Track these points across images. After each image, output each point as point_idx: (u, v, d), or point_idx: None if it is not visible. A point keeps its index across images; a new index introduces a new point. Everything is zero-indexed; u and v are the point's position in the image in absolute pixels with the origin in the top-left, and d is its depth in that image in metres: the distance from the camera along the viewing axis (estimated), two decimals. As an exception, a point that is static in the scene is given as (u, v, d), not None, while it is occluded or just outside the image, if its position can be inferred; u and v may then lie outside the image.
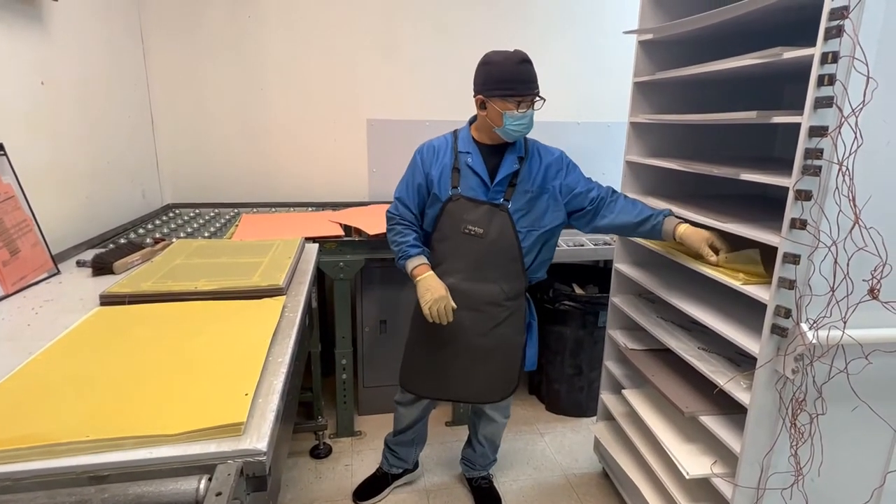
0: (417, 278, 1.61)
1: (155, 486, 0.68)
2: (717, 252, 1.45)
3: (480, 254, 1.64)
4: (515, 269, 1.68)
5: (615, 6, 2.92)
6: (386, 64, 2.76)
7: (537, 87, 1.55)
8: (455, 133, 1.71)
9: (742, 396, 1.32)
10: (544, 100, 1.57)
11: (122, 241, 1.92)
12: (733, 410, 1.42)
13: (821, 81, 1.08)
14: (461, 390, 1.78)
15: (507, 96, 1.51)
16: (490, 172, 1.64)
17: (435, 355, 1.75)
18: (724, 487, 1.40)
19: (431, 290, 1.57)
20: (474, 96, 1.59)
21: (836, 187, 1.10)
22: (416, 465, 2.13)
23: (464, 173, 1.63)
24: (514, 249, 1.65)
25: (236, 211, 2.61)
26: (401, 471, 2.08)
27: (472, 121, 1.70)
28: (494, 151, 1.65)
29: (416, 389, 1.82)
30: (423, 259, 1.64)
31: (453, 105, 2.91)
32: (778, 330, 1.22)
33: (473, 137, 1.67)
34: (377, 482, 2.07)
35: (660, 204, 1.70)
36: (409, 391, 1.84)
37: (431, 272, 1.62)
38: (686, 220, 1.54)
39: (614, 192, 1.71)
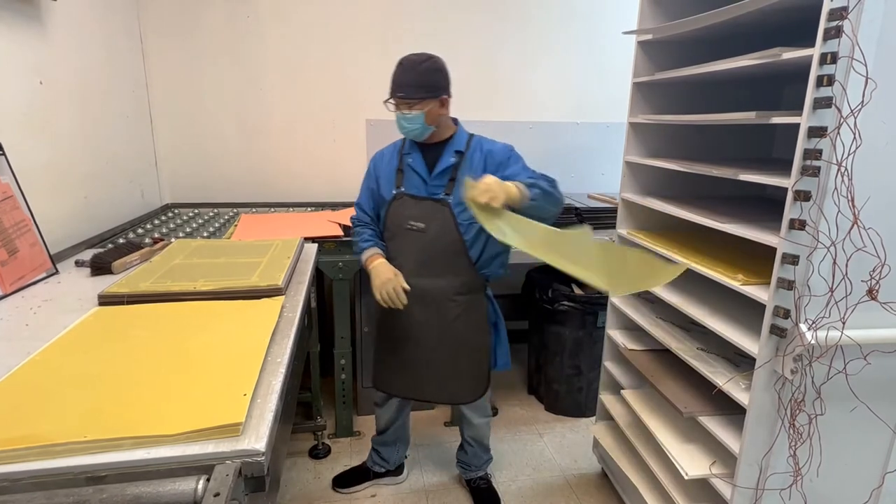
0: (369, 267, 1.67)
1: (153, 486, 0.68)
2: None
3: (424, 248, 1.68)
4: (462, 262, 1.70)
5: (614, 6, 2.92)
6: (385, 64, 2.72)
7: (402, 92, 1.57)
8: (403, 139, 1.78)
9: (741, 397, 1.32)
10: (433, 98, 1.57)
11: (121, 240, 1.92)
12: (732, 411, 1.42)
13: (820, 82, 1.08)
14: (427, 390, 1.82)
15: (389, 98, 1.61)
16: (429, 169, 1.69)
17: (398, 353, 1.80)
18: (723, 488, 1.40)
19: (380, 276, 1.62)
20: None
21: (835, 188, 1.10)
22: (400, 469, 2.14)
23: (407, 173, 1.70)
24: (458, 243, 1.67)
25: (235, 211, 2.61)
26: (383, 470, 2.09)
27: None
28: (435, 149, 1.70)
29: (385, 388, 1.87)
30: (375, 250, 1.70)
31: (452, 105, 2.92)
32: (777, 330, 1.22)
33: (415, 141, 1.72)
34: (359, 474, 2.10)
35: (660, 205, 1.70)
36: (379, 389, 1.90)
37: (383, 260, 1.67)
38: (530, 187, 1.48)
39: (553, 182, 1.60)
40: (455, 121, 1.74)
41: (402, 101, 1.59)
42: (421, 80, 1.57)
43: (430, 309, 1.72)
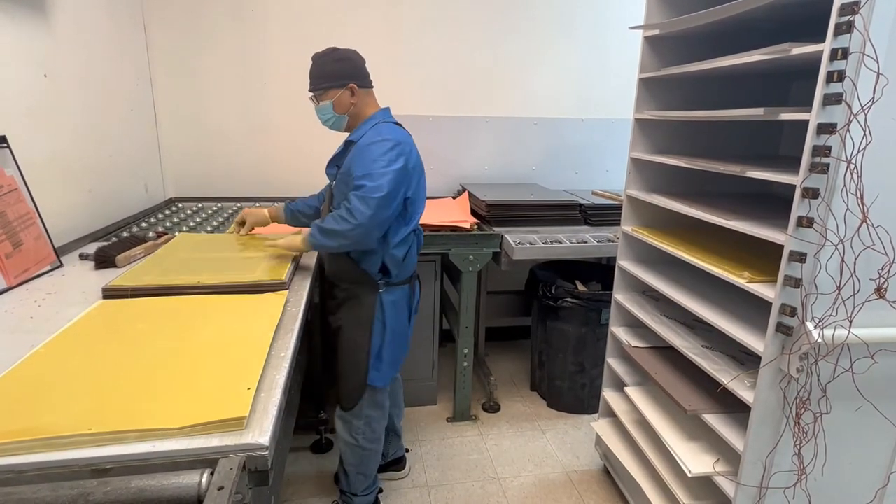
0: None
1: (157, 479, 0.68)
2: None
3: None
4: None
5: (620, 1, 2.90)
6: (388, 59, 2.75)
7: (310, 84, 1.63)
8: None
9: (746, 395, 1.32)
10: (335, 88, 1.60)
11: (125, 234, 1.92)
12: (737, 409, 1.41)
13: (830, 78, 1.06)
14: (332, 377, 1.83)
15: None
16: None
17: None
18: (727, 486, 1.40)
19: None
20: None
21: (844, 185, 1.09)
22: (402, 463, 2.13)
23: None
24: None
25: (239, 205, 2.61)
26: (381, 462, 2.04)
27: None
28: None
29: None
30: (281, 212, 1.91)
31: (454, 101, 2.91)
32: (783, 328, 1.21)
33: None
34: None
35: (666, 202, 1.69)
36: None
37: (261, 211, 1.88)
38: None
39: (348, 198, 1.50)
40: (384, 111, 1.70)
41: (311, 94, 1.64)
42: (323, 71, 1.61)
43: (326, 290, 1.80)
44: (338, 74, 1.61)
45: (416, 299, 1.80)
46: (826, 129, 1.08)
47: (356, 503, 1.85)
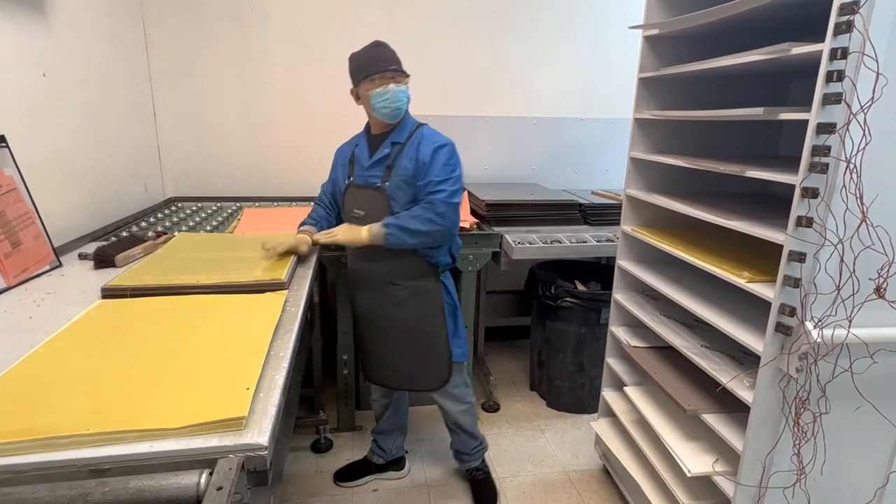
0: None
1: (156, 479, 0.68)
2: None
3: None
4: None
5: (620, 1, 2.90)
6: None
7: (394, 64, 1.64)
8: (364, 131, 1.82)
9: (745, 395, 1.32)
10: (408, 75, 1.66)
11: (124, 234, 1.92)
12: (736, 409, 1.42)
13: (829, 78, 1.06)
14: (388, 377, 1.88)
15: (366, 78, 1.63)
16: (370, 158, 1.73)
17: (363, 342, 1.90)
18: (726, 486, 1.40)
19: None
20: (351, 94, 1.71)
21: (844, 185, 1.09)
22: (401, 464, 2.15)
23: (355, 164, 1.76)
24: None
25: (238, 205, 2.61)
26: (382, 461, 2.10)
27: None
28: (379, 139, 1.74)
29: (366, 376, 1.95)
30: (306, 227, 1.76)
31: (454, 101, 2.91)
32: (782, 328, 1.21)
33: (367, 131, 1.78)
34: (360, 468, 2.11)
35: (665, 202, 1.69)
36: (365, 378, 1.97)
37: (303, 236, 1.68)
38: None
39: (432, 202, 1.61)
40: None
41: (398, 74, 1.63)
42: (399, 60, 1.66)
43: (373, 293, 1.78)
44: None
45: None
46: (825, 128, 1.08)
47: (483, 458, 2.08)
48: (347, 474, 2.10)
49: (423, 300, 1.76)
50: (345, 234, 1.65)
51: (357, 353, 1.97)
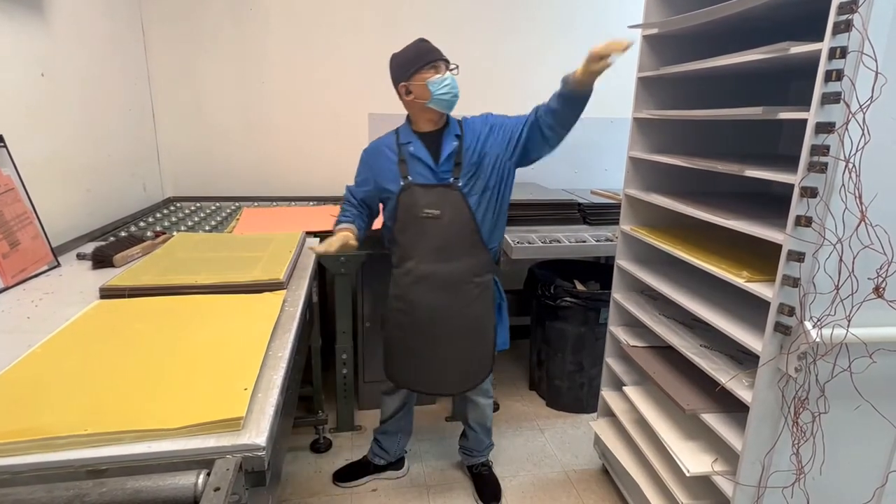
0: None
1: (153, 480, 0.68)
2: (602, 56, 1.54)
3: (440, 234, 1.70)
4: (477, 244, 1.73)
5: (619, 1, 2.90)
6: (388, 58, 2.74)
7: (445, 58, 1.66)
8: (396, 130, 1.78)
9: (744, 394, 1.32)
10: (457, 66, 1.67)
11: (123, 234, 1.92)
12: (735, 408, 1.41)
13: (828, 77, 1.06)
14: (439, 382, 1.85)
15: (422, 67, 1.62)
16: (434, 156, 1.70)
17: (413, 344, 1.81)
18: (725, 485, 1.40)
19: (330, 240, 1.61)
20: (397, 90, 1.69)
21: (843, 184, 1.09)
22: (400, 463, 2.15)
23: (410, 163, 1.70)
24: (471, 223, 1.70)
25: (237, 205, 2.61)
26: (384, 462, 2.10)
27: (409, 118, 1.78)
28: (433, 137, 1.71)
29: (398, 379, 1.89)
30: (345, 225, 1.72)
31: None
32: (781, 328, 1.21)
33: (413, 130, 1.74)
34: (359, 468, 2.11)
35: (664, 201, 1.69)
36: (391, 380, 1.91)
37: (344, 233, 1.65)
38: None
39: (536, 108, 1.76)
40: None
41: (449, 65, 1.65)
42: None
43: (450, 294, 1.74)
44: None
45: None
46: (824, 128, 1.08)
47: (490, 452, 2.13)
48: (347, 475, 2.10)
49: (486, 296, 1.79)
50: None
51: (392, 362, 1.87)
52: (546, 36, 2.89)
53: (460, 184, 1.67)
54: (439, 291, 1.73)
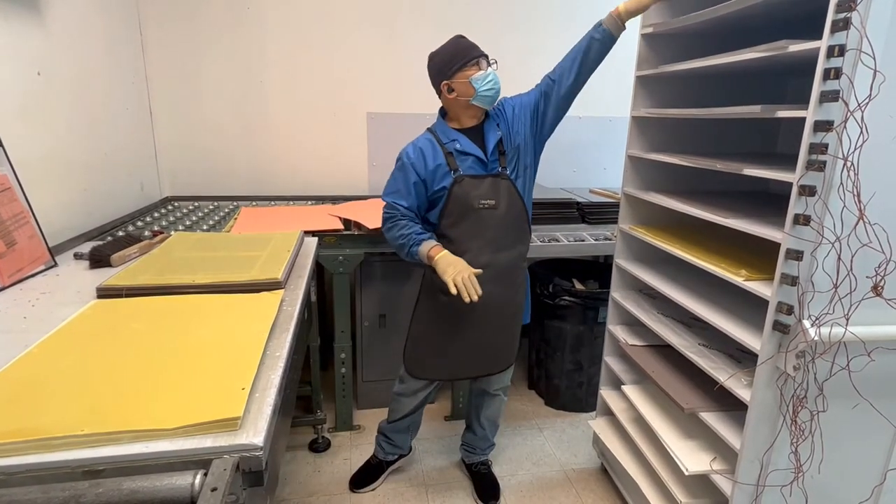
0: (435, 258, 1.63)
1: (150, 481, 0.68)
2: None
3: (498, 224, 1.71)
4: (526, 229, 1.80)
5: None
6: (386, 57, 2.74)
7: (486, 54, 1.66)
8: (431, 130, 1.76)
9: (743, 393, 1.32)
10: (496, 60, 1.69)
11: (120, 233, 1.91)
12: (734, 407, 1.41)
13: (827, 75, 1.06)
14: (484, 364, 1.86)
15: (465, 64, 1.62)
16: (482, 149, 1.70)
17: (458, 337, 1.79)
18: (724, 484, 1.40)
19: (453, 265, 1.60)
20: (438, 89, 1.69)
21: (841, 183, 1.09)
22: (409, 450, 2.17)
23: (457, 158, 1.69)
24: (524, 212, 1.76)
25: (235, 204, 2.60)
26: (395, 457, 2.12)
27: (443, 116, 1.78)
28: (475, 131, 1.73)
29: (431, 374, 1.87)
30: (435, 241, 1.69)
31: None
32: (780, 326, 1.21)
33: (453, 127, 1.74)
34: (372, 470, 2.10)
35: (663, 200, 1.69)
36: (421, 377, 1.87)
37: (447, 251, 1.65)
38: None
39: (557, 66, 1.78)
40: None
41: (488, 60, 1.65)
42: None
43: (506, 282, 1.76)
44: None
45: None
46: (823, 126, 1.08)
47: (491, 451, 2.16)
48: (363, 480, 2.07)
49: (525, 279, 1.87)
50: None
51: (430, 360, 1.83)
52: (545, 33, 2.88)
53: (508, 172, 1.70)
54: (494, 282, 1.70)
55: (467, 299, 1.55)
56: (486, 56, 1.66)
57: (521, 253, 1.80)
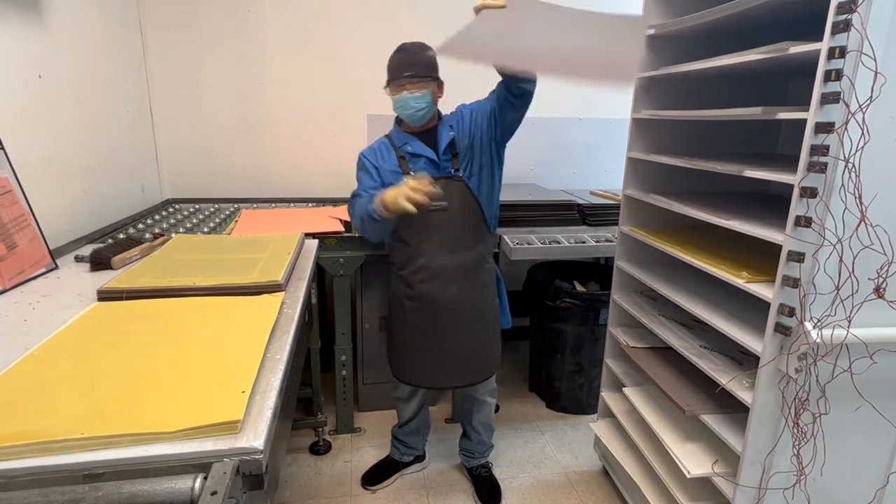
0: (383, 200, 1.57)
1: (150, 484, 0.68)
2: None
3: (450, 226, 1.72)
4: (483, 229, 1.79)
5: (619, 1, 2.89)
6: (385, 58, 2.73)
7: (410, 71, 1.64)
8: (388, 135, 1.82)
9: (744, 395, 1.31)
10: (427, 76, 1.66)
11: (121, 236, 1.91)
12: (735, 409, 1.41)
13: (828, 77, 1.06)
14: (463, 374, 1.84)
15: (388, 84, 1.68)
16: (433, 150, 1.73)
17: (434, 341, 1.79)
18: (726, 487, 1.39)
19: (394, 189, 1.55)
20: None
21: (842, 184, 1.09)
22: (424, 454, 2.19)
23: (410, 160, 1.74)
24: (477, 211, 1.75)
25: (236, 206, 2.61)
26: (411, 458, 2.14)
27: (398, 122, 1.81)
28: (428, 134, 1.76)
29: (415, 380, 1.88)
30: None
31: (453, 100, 2.90)
32: (781, 329, 1.20)
33: (406, 131, 1.78)
34: (386, 469, 2.12)
35: (664, 202, 1.68)
36: (407, 383, 1.90)
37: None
38: None
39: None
40: None
41: (411, 81, 1.64)
42: (428, 62, 1.68)
43: (466, 284, 1.76)
44: (437, 68, 1.71)
45: None
46: (824, 128, 1.08)
47: (490, 454, 2.15)
48: (375, 477, 2.10)
49: (492, 282, 1.85)
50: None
51: (409, 364, 1.84)
52: (545, 37, 2.88)
53: (461, 173, 1.72)
54: (456, 283, 1.74)
55: (425, 199, 1.49)
56: (411, 76, 1.63)
57: (482, 253, 1.79)
